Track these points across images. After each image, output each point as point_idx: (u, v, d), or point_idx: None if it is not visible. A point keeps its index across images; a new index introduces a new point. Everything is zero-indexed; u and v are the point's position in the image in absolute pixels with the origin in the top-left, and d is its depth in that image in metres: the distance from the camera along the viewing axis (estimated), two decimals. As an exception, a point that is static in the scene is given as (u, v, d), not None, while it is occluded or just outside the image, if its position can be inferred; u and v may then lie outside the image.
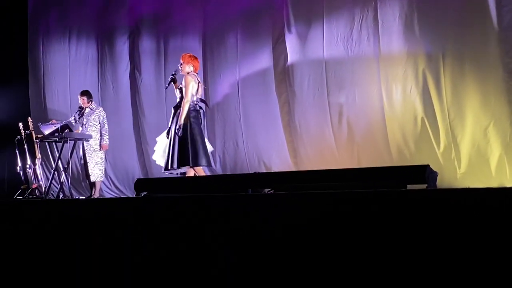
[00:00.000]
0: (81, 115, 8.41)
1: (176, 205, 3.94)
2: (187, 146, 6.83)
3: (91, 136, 8.15)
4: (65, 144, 8.09)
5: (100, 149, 8.36)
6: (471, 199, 2.62)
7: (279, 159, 8.05)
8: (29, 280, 4.41)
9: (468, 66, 6.41)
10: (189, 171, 6.93)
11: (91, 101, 8.50)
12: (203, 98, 7.22)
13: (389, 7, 6.97)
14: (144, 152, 9.31)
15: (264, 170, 8.05)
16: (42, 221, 4.75)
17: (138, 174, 9.20)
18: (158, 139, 7.35)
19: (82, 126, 8.35)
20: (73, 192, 8.61)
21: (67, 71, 10.15)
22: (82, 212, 4.61)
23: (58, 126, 8.06)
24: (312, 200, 3.14)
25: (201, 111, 7.07)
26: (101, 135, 8.36)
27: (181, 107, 6.94)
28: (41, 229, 4.67)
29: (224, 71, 8.60)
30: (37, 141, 8.59)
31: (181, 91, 7.01)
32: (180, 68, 7.16)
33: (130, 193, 8.88)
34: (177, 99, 7.11)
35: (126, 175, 9.42)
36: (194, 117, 6.94)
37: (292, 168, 7.85)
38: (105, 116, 8.40)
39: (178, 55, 8.94)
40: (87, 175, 8.30)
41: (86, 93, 8.49)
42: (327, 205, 3.07)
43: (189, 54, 7.31)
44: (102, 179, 8.51)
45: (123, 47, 9.67)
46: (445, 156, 6.55)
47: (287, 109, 7.99)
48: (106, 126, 8.39)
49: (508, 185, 6.00)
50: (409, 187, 3.63)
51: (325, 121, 7.55)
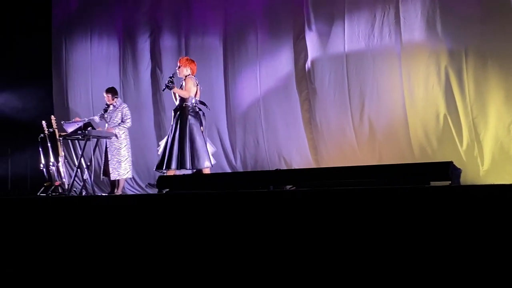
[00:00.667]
0: (105, 112, 8.47)
1: (198, 202, 3.95)
2: (186, 148, 6.98)
3: (113, 134, 8.18)
4: (87, 141, 8.14)
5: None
6: (495, 195, 2.60)
7: (299, 156, 8.04)
8: (56, 275, 4.46)
9: (490, 62, 6.35)
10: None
11: (116, 98, 8.51)
12: (202, 100, 7.35)
13: (411, 3, 6.93)
14: (166, 150, 9.35)
15: (284, 167, 8.04)
16: (65, 217, 4.80)
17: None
18: (161, 143, 7.49)
19: (107, 124, 8.40)
20: (95, 189, 8.66)
21: (89, 69, 10.23)
22: (104, 209, 4.65)
23: (81, 124, 8.11)
24: (335, 197, 3.13)
25: (200, 113, 7.23)
26: (118, 125, 8.29)
27: (180, 109, 7.11)
28: (64, 226, 4.72)
29: (245, 68, 8.62)
30: (60, 139, 8.66)
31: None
32: (178, 71, 7.29)
33: (151, 190, 8.91)
34: (175, 101, 7.27)
35: (147, 173, 9.45)
36: (193, 118, 7.11)
37: (313, 165, 7.83)
38: (127, 113, 8.38)
39: (199, 53, 9.02)
40: (106, 172, 8.33)
41: (110, 90, 8.51)
42: (350, 202, 3.06)
43: (186, 58, 7.51)
44: (126, 176, 8.52)
45: (144, 45, 9.71)
46: (468, 153, 6.50)
47: (307, 106, 7.98)
48: (128, 124, 8.33)
49: (532, 182, 5.94)
50: (433, 184, 3.62)
51: (346, 118, 7.53)
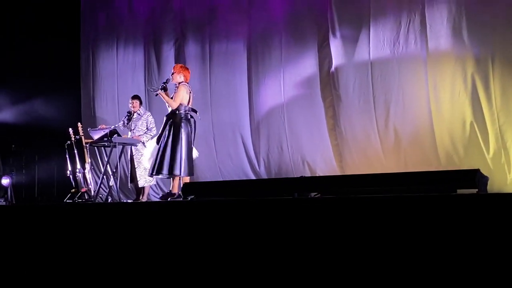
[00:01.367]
0: (129, 120, 8.48)
1: (222, 208, 3.96)
2: (175, 154, 7.16)
3: (139, 141, 8.24)
4: (113, 148, 8.20)
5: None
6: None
7: (324, 163, 8.01)
8: (84, 281, 4.50)
9: (517, 69, 6.30)
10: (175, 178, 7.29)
11: (141, 105, 8.58)
12: (194, 108, 7.46)
13: (436, 10, 6.89)
14: (189, 156, 9.39)
15: (309, 174, 8.02)
16: (91, 224, 4.85)
17: (184, 177, 9.27)
18: (147, 144, 7.76)
19: (130, 131, 8.43)
20: (121, 196, 8.71)
21: (115, 77, 10.33)
22: (130, 215, 4.68)
23: (107, 131, 8.17)
24: (360, 205, 3.12)
25: (192, 120, 7.34)
26: (144, 133, 8.38)
27: (173, 115, 7.24)
28: (90, 232, 4.76)
29: (268, 74, 8.63)
30: (87, 146, 8.74)
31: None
32: (171, 78, 7.43)
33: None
34: (168, 107, 7.39)
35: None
36: (184, 125, 7.24)
37: (338, 172, 7.80)
38: (153, 121, 8.45)
39: (223, 59, 9.07)
40: (133, 179, 8.39)
41: (138, 97, 8.58)
42: (375, 210, 3.05)
43: (180, 65, 7.74)
44: (152, 183, 8.58)
45: (169, 52, 9.78)
46: (494, 161, 6.43)
47: (332, 113, 7.96)
48: (153, 132, 8.41)
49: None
50: (459, 191, 3.59)
51: (370, 125, 7.49)
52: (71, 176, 9.11)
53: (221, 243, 3.77)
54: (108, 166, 8.42)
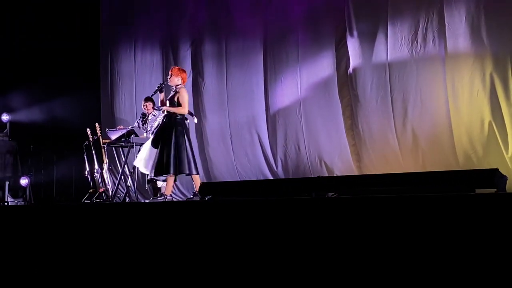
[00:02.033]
0: (144, 122, 8.52)
1: (240, 208, 3.97)
2: (170, 154, 7.23)
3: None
4: (131, 149, 8.25)
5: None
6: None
7: (341, 163, 7.99)
8: (104, 279, 4.53)
9: (536, 68, 6.24)
10: (169, 178, 7.43)
11: (154, 107, 8.61)
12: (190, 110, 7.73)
13: (455, 9, 6.84)
14: (207, 157, 9.41)
15: (326, 174, 8.00)
16: (109, 223, 4.87)
17: (202, 178, 9.29)
18: (143, 147, 7.76)
19: (146, 133, 8.47)
20: (138, 196, 8.75)
21: (133, 78, 10.39)
22: (148, 215, 4.70)
23: (125, 131, 8.21)
24: (378, 205, 3.11)
25: (187, 122, 7.53)
26: None
27: (171, 119, 7.34)
28: (108, 232, 4.79)
29: (285, 74, 8.61)
30: (104, 146, 8.79)
31: (171, 103, 7.41)
32: (169, 80, 7.55)
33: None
34: (162, 112, 7.53)
35: (189, 179, 9.50)
36: (181, 126, 7.38)
37: (355, 172, 7.77)
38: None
39: (240, 59, 9.08)
40: (150, 179, 8.40)
41: (151, 99, 8.61)
42: (393, 210, 3.03)
43: (177, 67, 7.83)
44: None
45: (186, 53, 9.81)
46: (514, 160, 6.37)
47: (349, 113, 7.93)
48: None
49: None
50: (478, 191, 3.55)
51: (388, 125, 7.46)
52: (89, 176, 9.18)
53: (239, 243, 3.77)
54: (126, 166, 8.47)
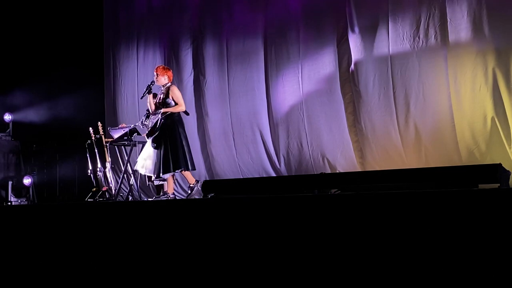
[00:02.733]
0: (147, 118, 8.52)
1: (243, 206, 3.97)
2: (169, 152, 7.40)
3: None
4: (133, 147, 8.24)
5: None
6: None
7: (344, 159, 7.98)
8: (107, 278, 4.53)
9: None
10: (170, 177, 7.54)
11: None
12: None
13: (457, 4, 6.83)
14: (209, 154, 9.41)
15: (329, 171, 8.00)
16: (113, 222, 4.88)
17: (204, 176, 9.30)
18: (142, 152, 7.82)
19: (147, 129, 8.46)
20: (141, 194, 8.75)
21: (135, 76, 10.39)
22: (151, 213, 4.71)
23: (127, 130, 8.22)
24: (381, 201, 3.10)
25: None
26: None
27: (168, 121, 7.50)
28: (111, 230, 4.79)
29: (287, 71, 8.59)
30: (107, 145, 8.79)
31: (163, 103, 7.54)
32: (156, 80, 7.68)
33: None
34: (151, 109, 7.73)
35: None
36: (181, 124, 7.63)
37: (358, 168, 7.76)
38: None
39: (241, 57, 9.06)
40: (151, 178, 8.40)
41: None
42: (396, 206, 3.03)
43: (162, 66, 7.95)
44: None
45: (187, 51, 9.79)
46: (516, 156, 6.36)
47: (352, 109, 7.92)
48: None
49: None
50: (481, 186, 3.55)
51: (391, 121, 7.45)
52: (91, 175, 9.17)
53: (242, 241, 3.77)
54: (129, 165, 8.47)
